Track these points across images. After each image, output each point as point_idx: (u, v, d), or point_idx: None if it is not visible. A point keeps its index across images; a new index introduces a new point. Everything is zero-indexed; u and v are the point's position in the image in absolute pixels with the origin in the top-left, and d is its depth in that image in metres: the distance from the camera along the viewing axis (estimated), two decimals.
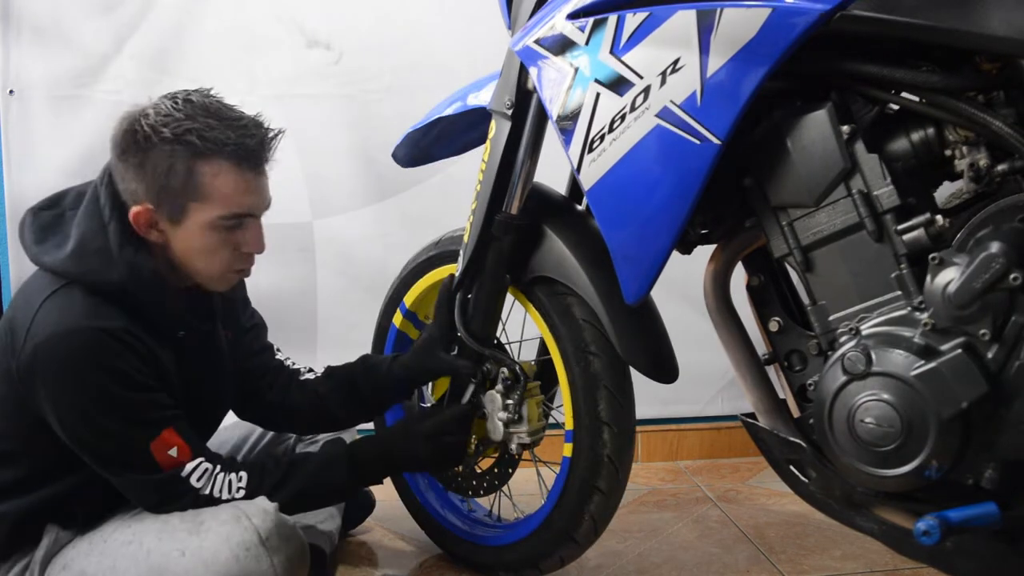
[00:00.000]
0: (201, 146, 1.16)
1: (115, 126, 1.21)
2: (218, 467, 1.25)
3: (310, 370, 1.55)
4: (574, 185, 1.50)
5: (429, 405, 1.57)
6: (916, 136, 1.05)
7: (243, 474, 1.26)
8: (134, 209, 1.19)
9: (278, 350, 1.56)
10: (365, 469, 1.35)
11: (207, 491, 1.23)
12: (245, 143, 1.19)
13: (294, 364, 1.55)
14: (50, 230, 1.25)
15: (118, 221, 1.20)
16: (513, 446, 1.43)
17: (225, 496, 1.23)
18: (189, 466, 1.22)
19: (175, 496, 1.22)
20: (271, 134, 1.23)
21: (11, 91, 2.07)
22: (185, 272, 1.26)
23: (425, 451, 1.36)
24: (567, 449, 1.38)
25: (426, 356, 1.46)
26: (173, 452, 1.21)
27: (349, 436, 1.60)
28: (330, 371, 1.53)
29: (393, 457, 1.38)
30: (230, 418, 1.56)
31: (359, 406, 1.51)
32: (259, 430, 1.64)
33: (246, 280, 1.41)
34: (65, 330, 1.15)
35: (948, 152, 1.03)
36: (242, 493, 1.24)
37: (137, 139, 1.17)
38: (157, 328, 1.24)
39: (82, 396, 1.16)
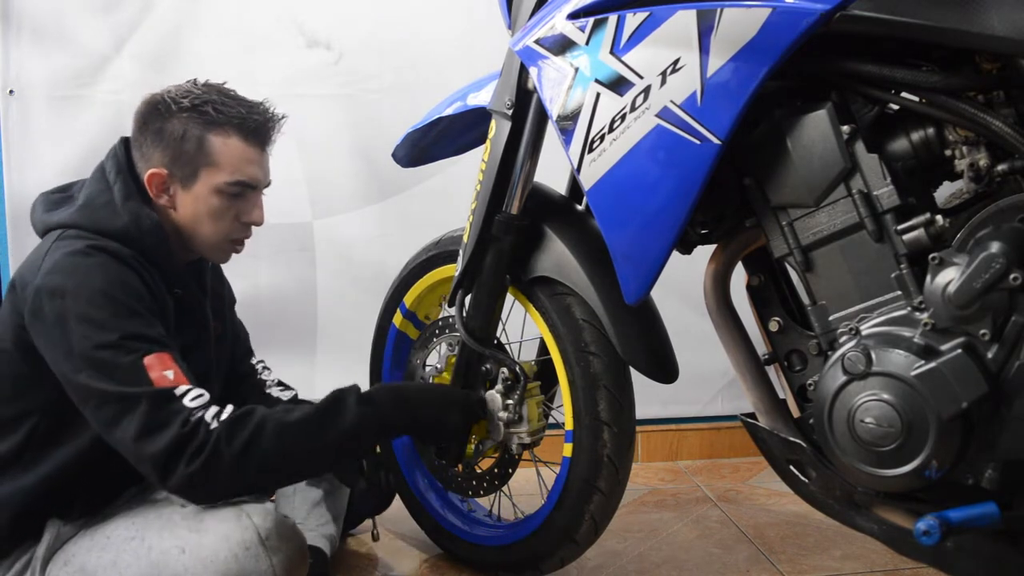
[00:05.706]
0: (214, 116, 1.29)
1: (138, 107, 1.33)
2: (212, 404, 1.17)
3: (279, 383, 1.56)
4: (574, 185, 1.50)
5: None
6: (916, 136, 1.05)
7: (231, 407, 1.18)
8: (149, 171, 1.29)
9: (252, 352, 1.59)
10: (374, 407, 1.26)
11: (198, 415, 1.14)
12: (253, 118, 1.32)
13: (266, 372, 1.57)
14: (59, 204, 1.32)
15: (123, 182, 1.29)
16: (513, 446, 1.43)
17: (214, 426, 1.14)
18: (184, 387, 1.15)
19: (163, 420, 1.12)
20: (276, 117, 1.36)
21: (11, 91, 2.06)
22: (188, 237, 1.33)
23: (433, 416, 1.34)
24: (567, 449, 1.38)
25: None
26: (168, 374, 1.15)
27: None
28: (298, 403, 1.51)
29: (406, 403, 1.31)
30: None
31: None
32: None
33: (244, 281, 1.41)
34: (72, 252, 1.21)
35: (948, 152, 1.03)
36: (228, 413, 1.16)
37: (159, 108, 1.30)
38: (158, 276, 1.28)
39: (83, 300, 1.16)
